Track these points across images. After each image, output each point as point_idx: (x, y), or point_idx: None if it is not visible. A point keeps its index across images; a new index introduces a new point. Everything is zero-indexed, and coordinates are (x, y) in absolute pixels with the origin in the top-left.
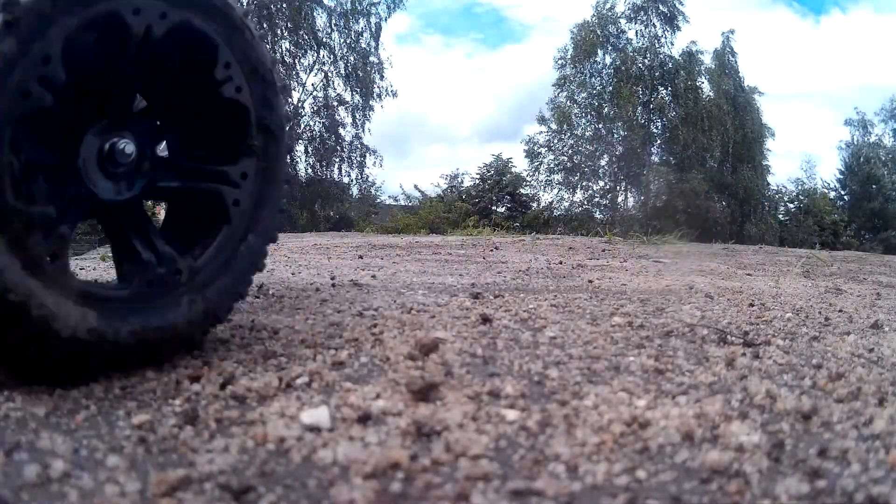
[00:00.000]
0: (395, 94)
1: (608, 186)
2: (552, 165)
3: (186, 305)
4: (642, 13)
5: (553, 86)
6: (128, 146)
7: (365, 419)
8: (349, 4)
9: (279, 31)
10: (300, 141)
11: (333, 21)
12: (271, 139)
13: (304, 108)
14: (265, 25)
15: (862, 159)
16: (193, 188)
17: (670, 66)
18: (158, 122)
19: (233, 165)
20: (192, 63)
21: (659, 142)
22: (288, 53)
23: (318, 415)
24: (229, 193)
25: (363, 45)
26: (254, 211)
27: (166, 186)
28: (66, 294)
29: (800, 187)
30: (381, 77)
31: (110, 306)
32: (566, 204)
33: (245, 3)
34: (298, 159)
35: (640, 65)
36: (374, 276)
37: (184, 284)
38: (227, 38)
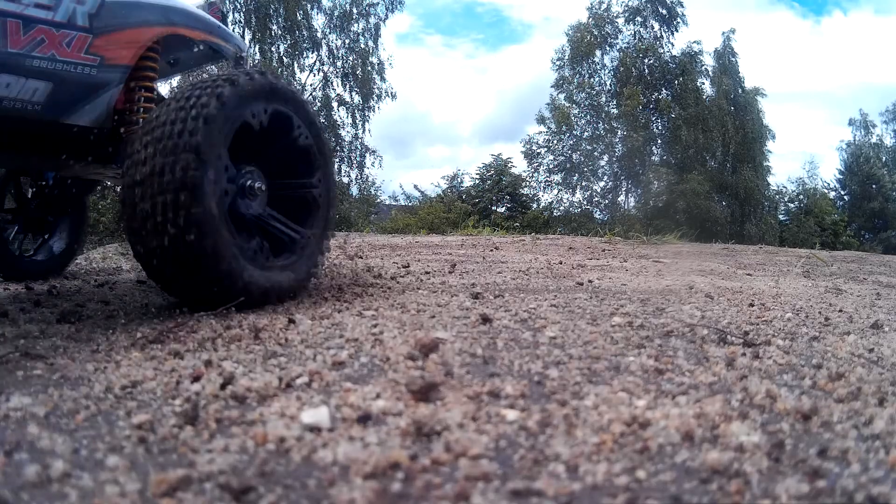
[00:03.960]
0: (394, 97)
1: (608, 186)
2: (551, 166)
3: (304, 267)
4: (639, 15)
5: (552, 87)
6: (257, 183)
7: (365, 419)
8: (347, 6)
9: (276, 32)
10: None
11: (332, 22)
12: (325, 158)
13: None
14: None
15: (862, 159)
16: (296, 193)
17: (671, 66)
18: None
19: (311, 177)
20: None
21: (660, 142)
22: (286, 54)
23: (318, 415)
24: (315, 191)
25: (362, 46)
26: (325, 199)
27: (281, 194)
28: (259, 267)
29: (801, 187)
30: (382, 79)
31: (276, 269)
32: (566, 204)
33: (242, 4)
34: None
35: (641, 65)
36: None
37: (304, 251)
38: (296, 111)
